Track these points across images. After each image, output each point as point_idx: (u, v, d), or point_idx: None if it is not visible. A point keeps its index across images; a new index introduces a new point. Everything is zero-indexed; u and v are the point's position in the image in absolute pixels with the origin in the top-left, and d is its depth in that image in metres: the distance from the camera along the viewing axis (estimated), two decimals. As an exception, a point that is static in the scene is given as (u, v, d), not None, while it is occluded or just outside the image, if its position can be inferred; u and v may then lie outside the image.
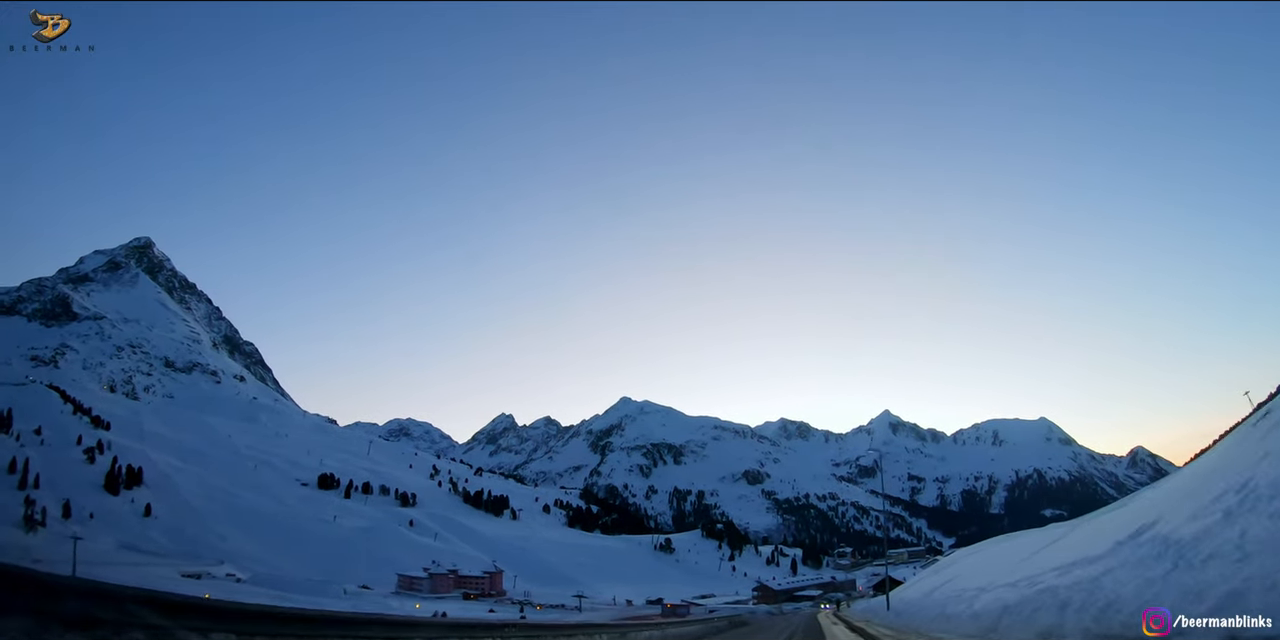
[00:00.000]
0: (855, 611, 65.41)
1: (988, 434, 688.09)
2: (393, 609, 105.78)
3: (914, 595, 37.83)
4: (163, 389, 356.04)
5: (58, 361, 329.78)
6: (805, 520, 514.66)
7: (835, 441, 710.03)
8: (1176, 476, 34.44)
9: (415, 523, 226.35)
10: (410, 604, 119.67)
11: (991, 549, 51.32)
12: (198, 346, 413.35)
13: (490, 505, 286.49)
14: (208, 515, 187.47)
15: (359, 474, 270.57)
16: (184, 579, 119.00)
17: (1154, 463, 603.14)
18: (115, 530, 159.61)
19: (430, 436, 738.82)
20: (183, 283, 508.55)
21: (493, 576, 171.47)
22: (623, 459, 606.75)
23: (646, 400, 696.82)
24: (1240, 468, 15.99)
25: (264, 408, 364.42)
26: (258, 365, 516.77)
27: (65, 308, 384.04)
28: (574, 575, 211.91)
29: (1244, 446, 20.61)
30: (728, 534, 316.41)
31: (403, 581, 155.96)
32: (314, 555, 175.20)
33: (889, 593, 49.03)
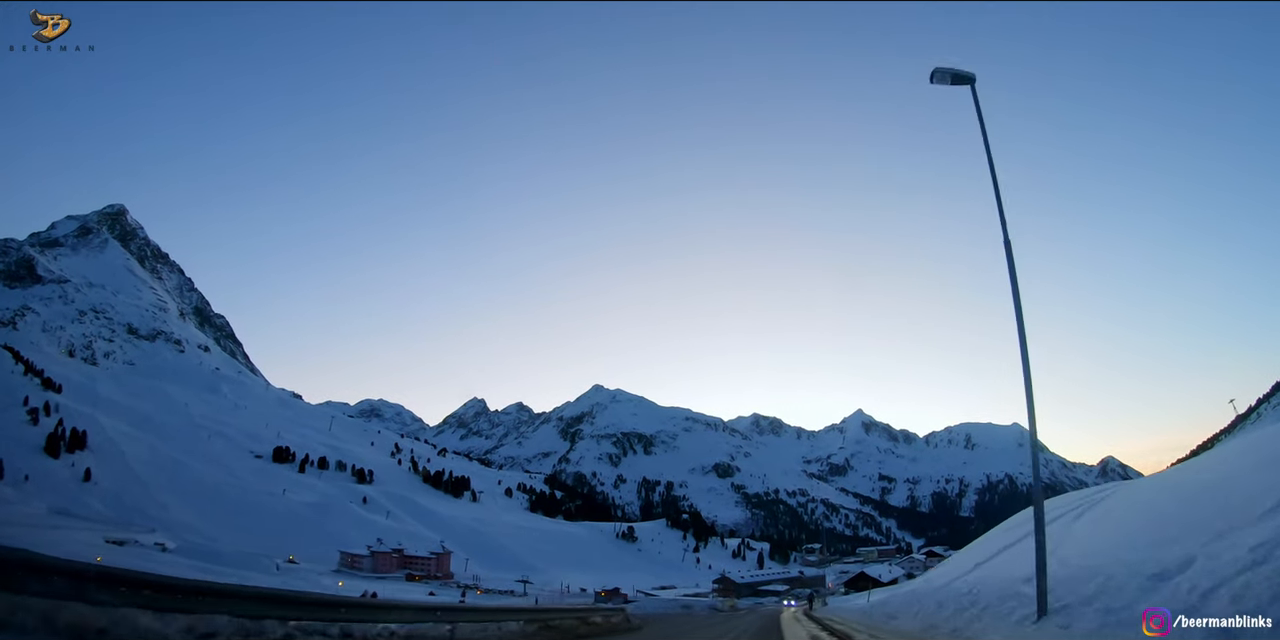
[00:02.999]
0: (834, 610, 51.48)
1: (960, 437, 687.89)
2: (322, 587, 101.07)
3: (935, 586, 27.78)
4: (124, 355, 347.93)
5: (16, 323, 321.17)
6: (774, 515, 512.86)
7: (807, 438, 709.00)
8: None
9: (369, 500, 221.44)
10: (347, 582, 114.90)
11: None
12: (163, 315, 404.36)
13: (450, 486, 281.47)
14: (152, 483, 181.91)
15: (317, 449, 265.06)
16: (107, 545, 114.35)
17: (1123, 472, 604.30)
18: (50, 494, 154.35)
19: (401, 418, 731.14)
20: (155, 252, 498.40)
21: (439, 557, 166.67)
22: (592, 447, 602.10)
23: (619, 389, 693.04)
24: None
25: (226, 379, 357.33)
26: (228, 339, 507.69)
27: (29, 270, 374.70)
28: (530, 561, 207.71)
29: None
30: (693, 524, 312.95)
31: (344, 559, 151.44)
32: (258, 528, 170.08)
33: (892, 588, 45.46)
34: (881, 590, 76.55)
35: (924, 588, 28.51)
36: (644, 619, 38.20)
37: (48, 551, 7.90)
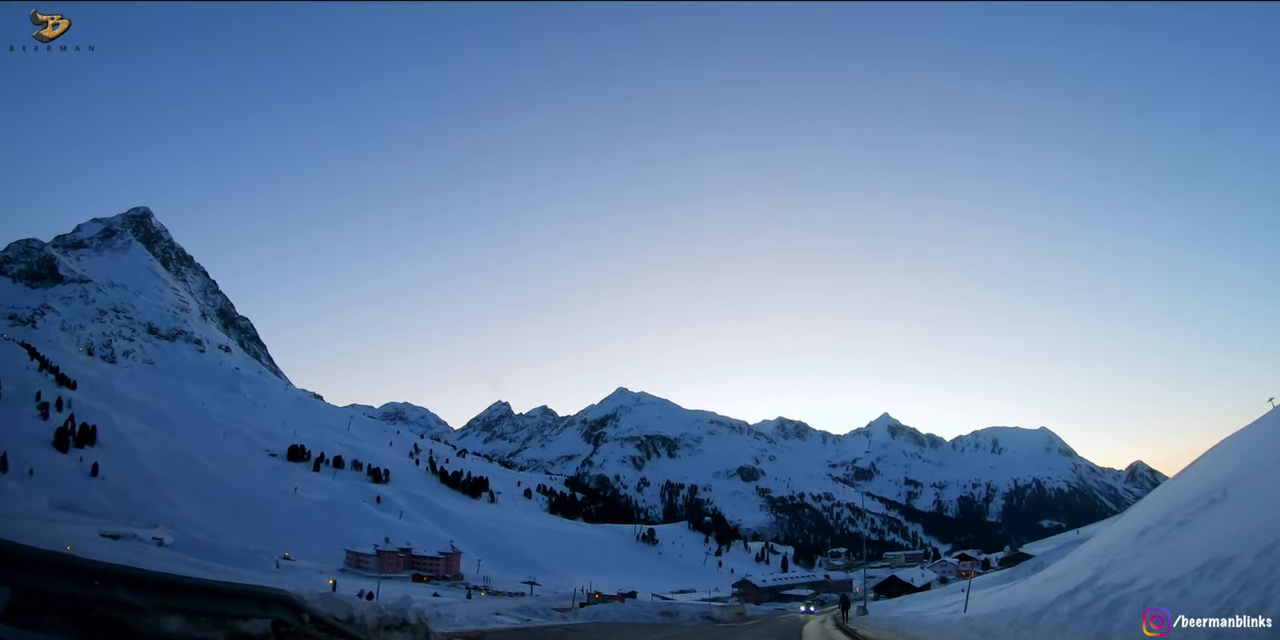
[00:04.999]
0: (893, 626, 30.66)
1: (987, 441, 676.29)
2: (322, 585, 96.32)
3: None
4: (143, 354, 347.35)
5: (35, 322, 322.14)
6: (799, 520, 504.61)
7: (833, 442, 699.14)
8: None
9: (383, 499, 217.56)
10: (349, 581, 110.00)
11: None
12: (185, 315, 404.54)
13: (468, 486, 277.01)
14: (160, 479, 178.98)
15: (333, 448, 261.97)
16: (102, 539, 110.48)
17: (1153, 478, 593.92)
18: (55, 488, 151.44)
19: (426, 421, 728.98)
20: (179, 254, 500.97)
21: (448, 558, 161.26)
22: (615, 450, 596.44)
23: (643, 391, 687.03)
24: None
25: (246, 378, 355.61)
26: (252, 341, 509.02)
27: (51, 270, 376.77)
28: (546, 562, 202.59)
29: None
30: (716, 527, 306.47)
31: (350, 558, 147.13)
32: (266, 526, 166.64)
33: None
34: (980, 594, 42.93)
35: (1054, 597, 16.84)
36: (583, 634, 30.87)
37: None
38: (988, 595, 34.33)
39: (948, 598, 51.08)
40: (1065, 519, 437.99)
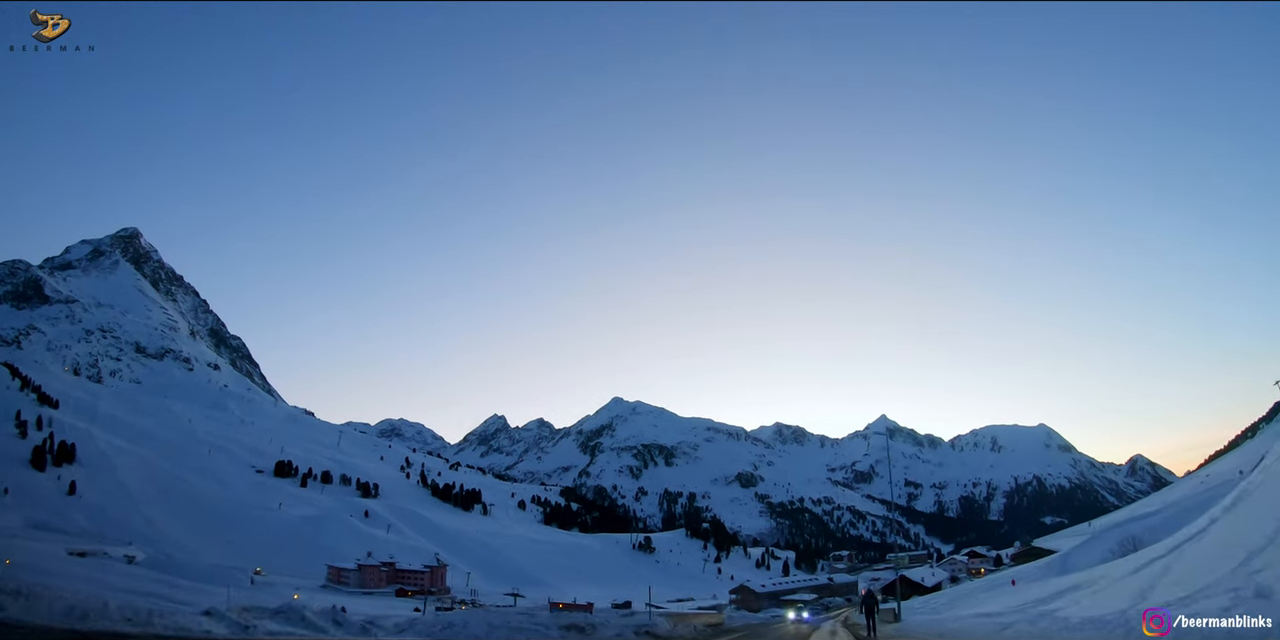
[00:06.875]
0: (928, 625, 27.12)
1: (986, 440, 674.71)
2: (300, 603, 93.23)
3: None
4: (130, 373, 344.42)
5: (20, 342, 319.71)
6: (799, 524, 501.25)
7: (831, 446, 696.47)
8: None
9: (370, 513, 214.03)
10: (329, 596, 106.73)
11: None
12: (173, 334, 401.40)
13: (460, 499, 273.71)
14: (141, 497, 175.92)
15: (321, 463, 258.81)
16: (69, 558, 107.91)
17: (1153, 471, 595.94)
18: (30, 507, 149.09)
19: (422, 437, 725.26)
20: (169, 274, 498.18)
21: (434, 571, 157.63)
22: (612, 460, 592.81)
23: (639, 401, 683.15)
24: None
25: (234, 396, 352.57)
26: (244, 360, 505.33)
27: (37, 291, 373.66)
28: (539, 574, 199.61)
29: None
30: (714, 534, 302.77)
31: (331, 573, 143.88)
32: (248, 542, 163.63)
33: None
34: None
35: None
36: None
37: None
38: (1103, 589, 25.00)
39: (1028, 593, 38.91)
40: (1068, 515, 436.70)
